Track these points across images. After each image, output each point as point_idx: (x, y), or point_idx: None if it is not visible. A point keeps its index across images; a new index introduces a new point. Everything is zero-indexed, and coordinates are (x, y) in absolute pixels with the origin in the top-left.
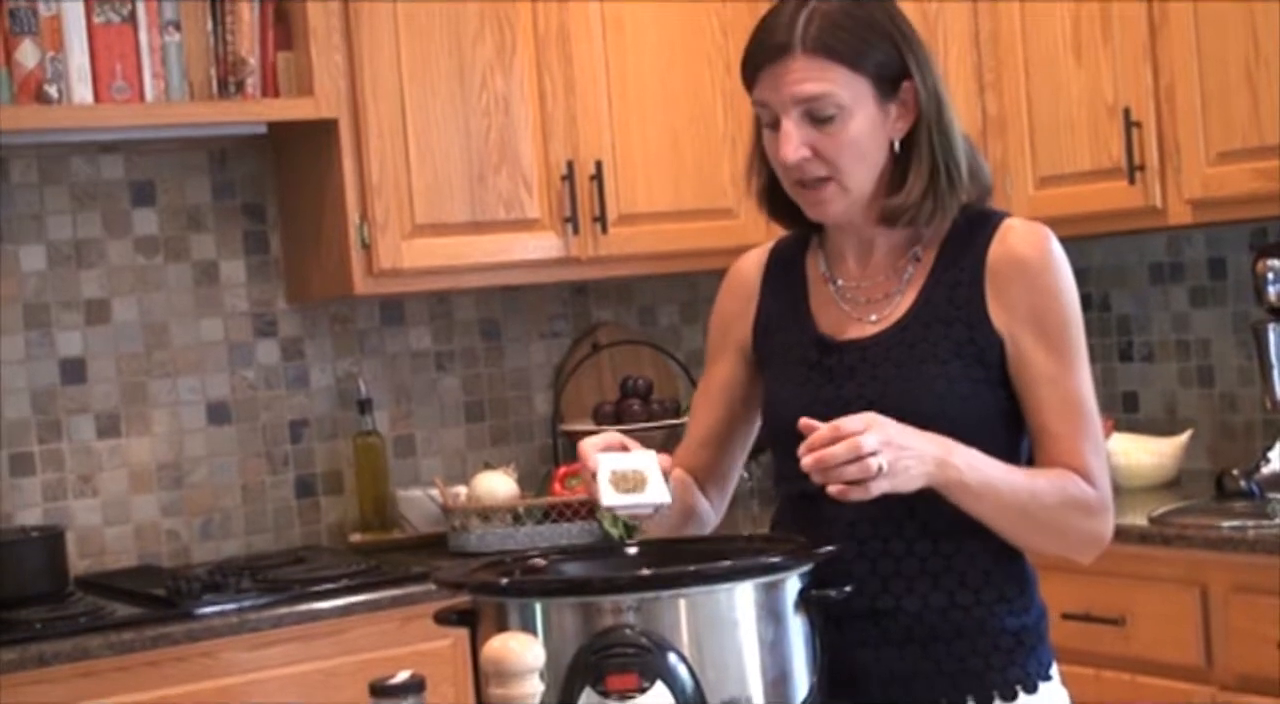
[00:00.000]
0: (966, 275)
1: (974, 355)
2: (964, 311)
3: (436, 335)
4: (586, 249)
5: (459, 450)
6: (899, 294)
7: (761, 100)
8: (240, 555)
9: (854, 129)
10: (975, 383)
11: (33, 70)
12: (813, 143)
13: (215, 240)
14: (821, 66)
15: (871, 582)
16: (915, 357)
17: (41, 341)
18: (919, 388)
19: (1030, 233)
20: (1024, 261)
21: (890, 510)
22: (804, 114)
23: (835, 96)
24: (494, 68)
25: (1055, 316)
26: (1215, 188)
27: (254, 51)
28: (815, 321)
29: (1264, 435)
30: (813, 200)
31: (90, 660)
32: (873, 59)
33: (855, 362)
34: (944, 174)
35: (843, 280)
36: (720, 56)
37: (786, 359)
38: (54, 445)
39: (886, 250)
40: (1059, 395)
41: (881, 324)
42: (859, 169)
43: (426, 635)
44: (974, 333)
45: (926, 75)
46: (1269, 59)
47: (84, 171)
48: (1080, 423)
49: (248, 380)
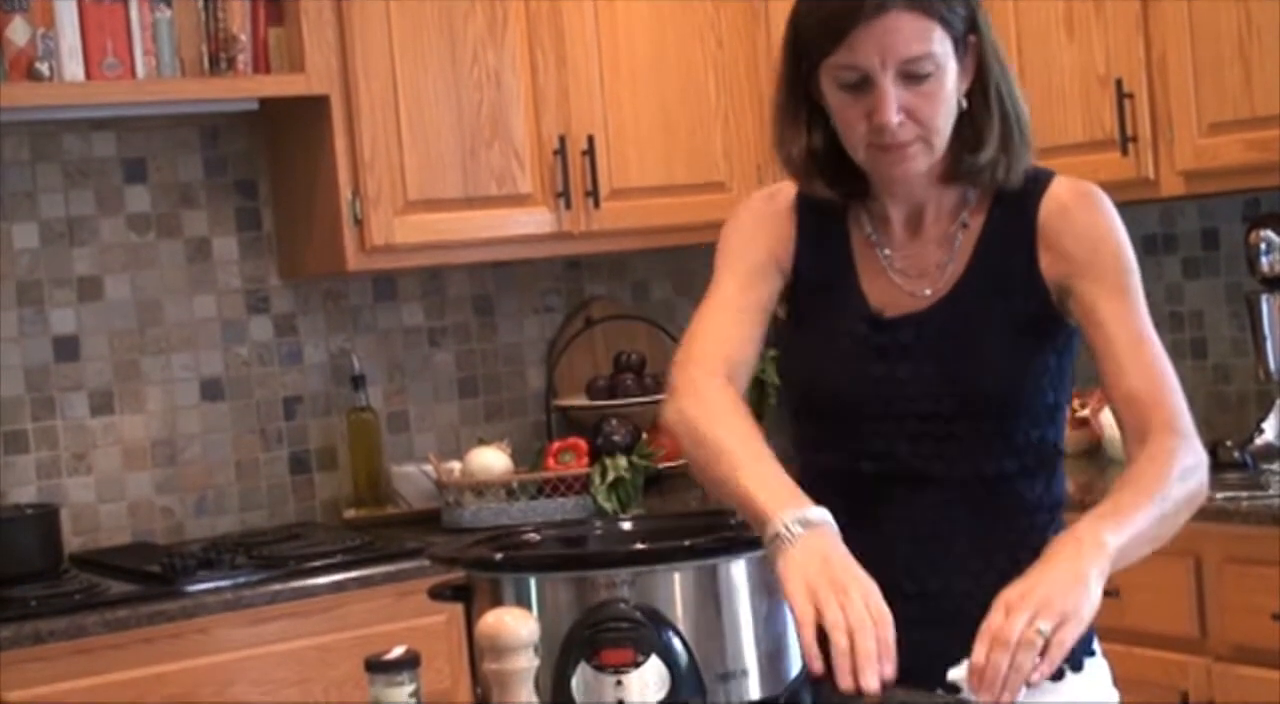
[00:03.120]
0: (1019, 240)
1: (1028, 323)
2: (1019, 280)
3: (429, 311)
4: (579, 224)
5: (453, 426)
6: (950, 263)
7: (849, 63)
8: (234, 532)
9: (946, 86)
10: (1031, 352)
11: (24, 48)
12: (907, 103)
13: (207, 217)
14: (922, 24)
15: (918, 563)
16: (971, 331)
17: (34, 319)
18: (978, 365)
19: (1078, 186)
20: (1073, 211)
21: (942, 493)
22: (900, 74)
23: (934, 55)
24: (485, 42)
25: (1112, 259)
26: (1208, 159)
27: (245, 28)
28: (865, 294)
29: (1257, 407)
30: (895, 159)
31: (85, 638)
32: (958, 13)
33: (909, 339)
34: (1015, 125)
35: (890, 250)
36: (712, 30)
37: (832, 328)
38: (48, 423)
39: (935, 216)
40: (1126, 333)
41: (934, 297)
42: (945, 127)
43: (421, 611)
44: (1029, 300)
45: (986, 25)
46: (1261, 29)
47: (76, 149)
48: (1151, 356)
49: (241, 357)
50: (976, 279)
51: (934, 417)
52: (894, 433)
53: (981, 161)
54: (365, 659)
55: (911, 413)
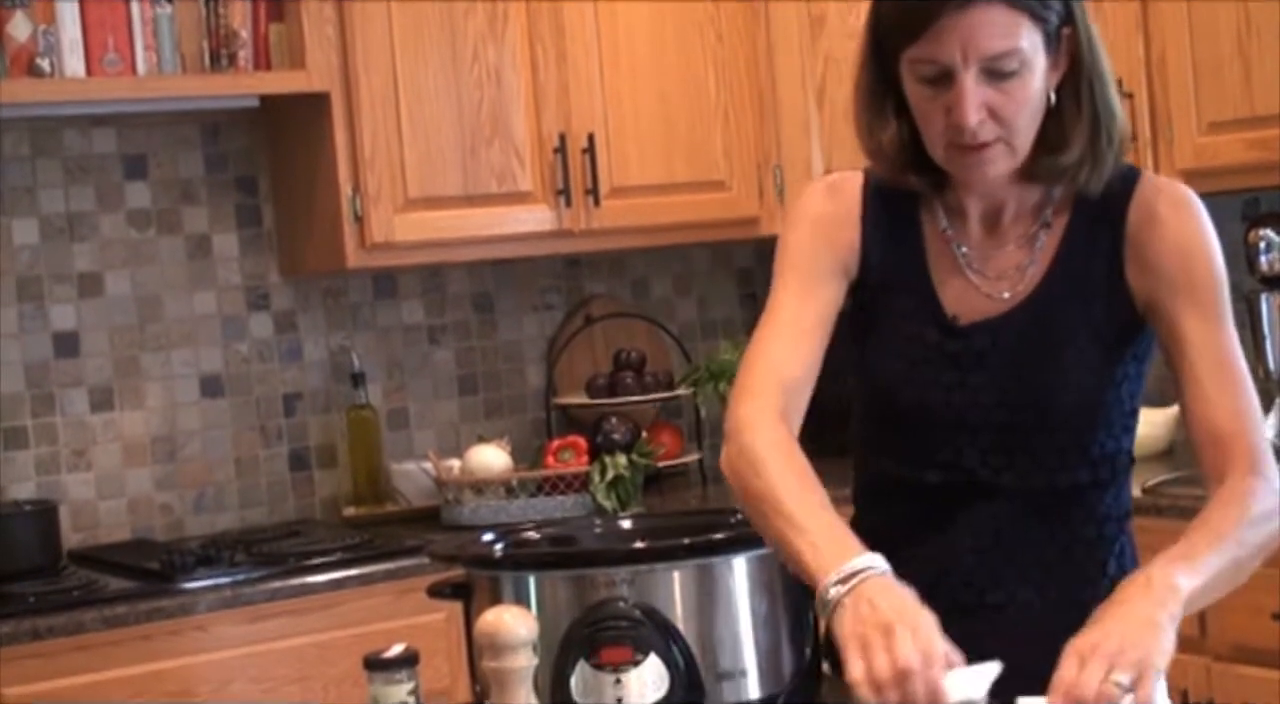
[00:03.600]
0: (1105, 245)
1: (1111, 335)
2: (1103, 287)
3: (429, 309)
4: (579, 222)
5: (452, 423)
6: (1032, 265)
7: (930, 56)
8: (234, 529)
9: (1032, 86)
10: (1112, 361)
11: (24, 43)
12: (989, 102)
13: (208, 214)
14: (1011, 17)
15: (981, 574)
16: (1050, 339)
17: (34, 315)
18: (1057, 377)
19: (1170, 189)
20: (1166, 221)
21: (1010, 505)
22: (984, 71)
23: (1021, 52)
24: (486, 39)
25: (1204, 275)
26: (1208, 158)
27: (246, 24)
28: (939, 294)
29: None
30: (974, 161)
31: (84, 634)
32: (1052, 6)
33: (985, 346)
34: (1104, 127)
35: (967, 247)
36: (712, 27)
37: (903, 332)
38: (47, 419)
39: (1015, 214)
40: (1212, 358)
41: (1013, 301)
42: (1029, 128)
43: (421, 609)
44: (1112, 309)
45: (1083, 18)
46: (1260, 28)
47: (76, 145)
48: (1238, 388)
49: (241, 354)
50: (1057, 283)
51: (1008, 428)
52: (964, 443)
53: (1063, 164)
54: (364, 657)
55: (984, 423)
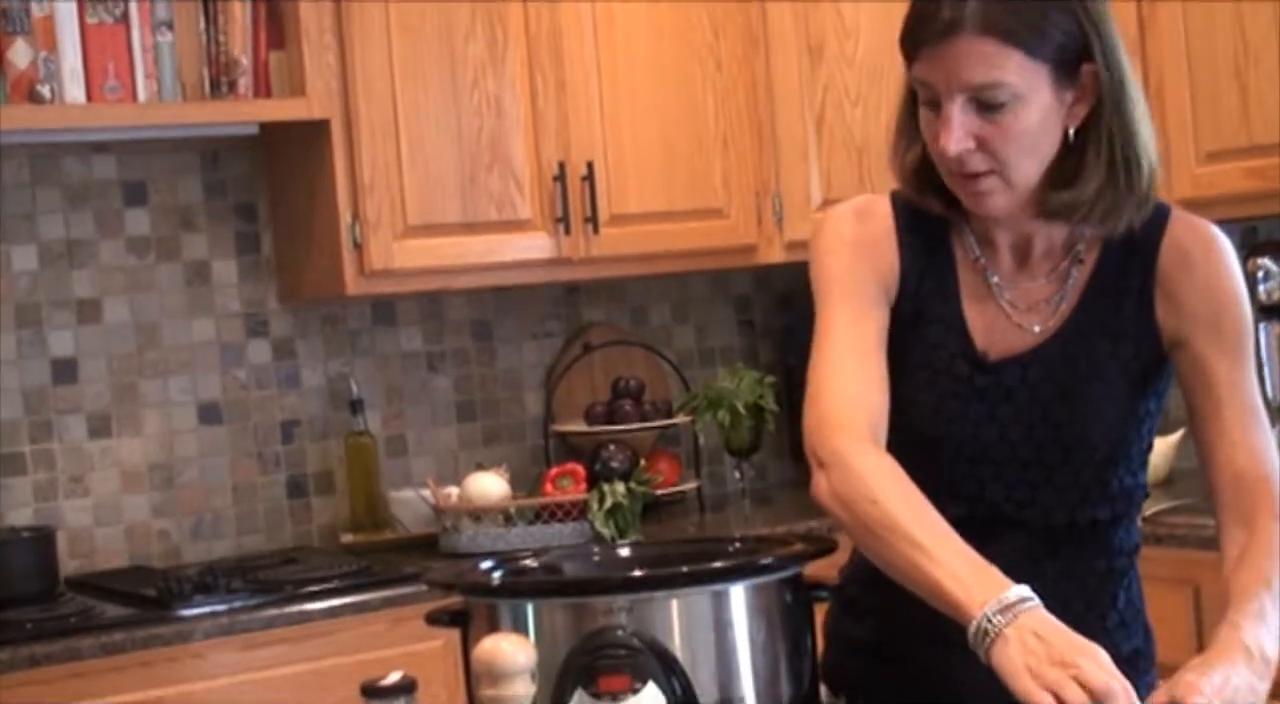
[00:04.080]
0: (1136, 281)
1: (1139, 372)
2: (1132, 324)
3: (428, 336)
4: (578, 249)
5: (451, 451)
6: (1063, 300)
7: (922, 79)
8: (231, 556)
9: (1025, 120)
10: (1138, 399)
11: (25, 70)
12: (977, 132)
13: (207, 240)
14: (995, 50)
15: None
16: (1080, 376)
17: (33, 341)
18: (1087, 416)
19: (1203, 229)
20: (1196, 259)
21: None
22: (970, 101)
23: (1009, 85)
24: (486, 67)
25: (1233, 318)
26: (1205, 187)
27: (246, 51)
28: (969, 325)
29: None
30: (971, 191)
31: (81, 661)
32: (1053, 41)
33: (1014, 382)
34: (1123, 169)
35: (998, 277)
36: (711, 55)
37: (931, 363)
38: (45, 445)
39: (1046, 248)
40: (1240, 400)
41: (1043, 335)
42: (1026, 163)
43: (418, 636)
44: (1140, 347)
45: (1110, 56)
46: (1258, 57)
47: (76, 171)
48: (1264, 430)
49: (239, 380)
50: (1086, 320)
51: (1033, 463)
52: (989, 477)
53: (1074, 201)
54: (361, 685)
55: (1010, 458)
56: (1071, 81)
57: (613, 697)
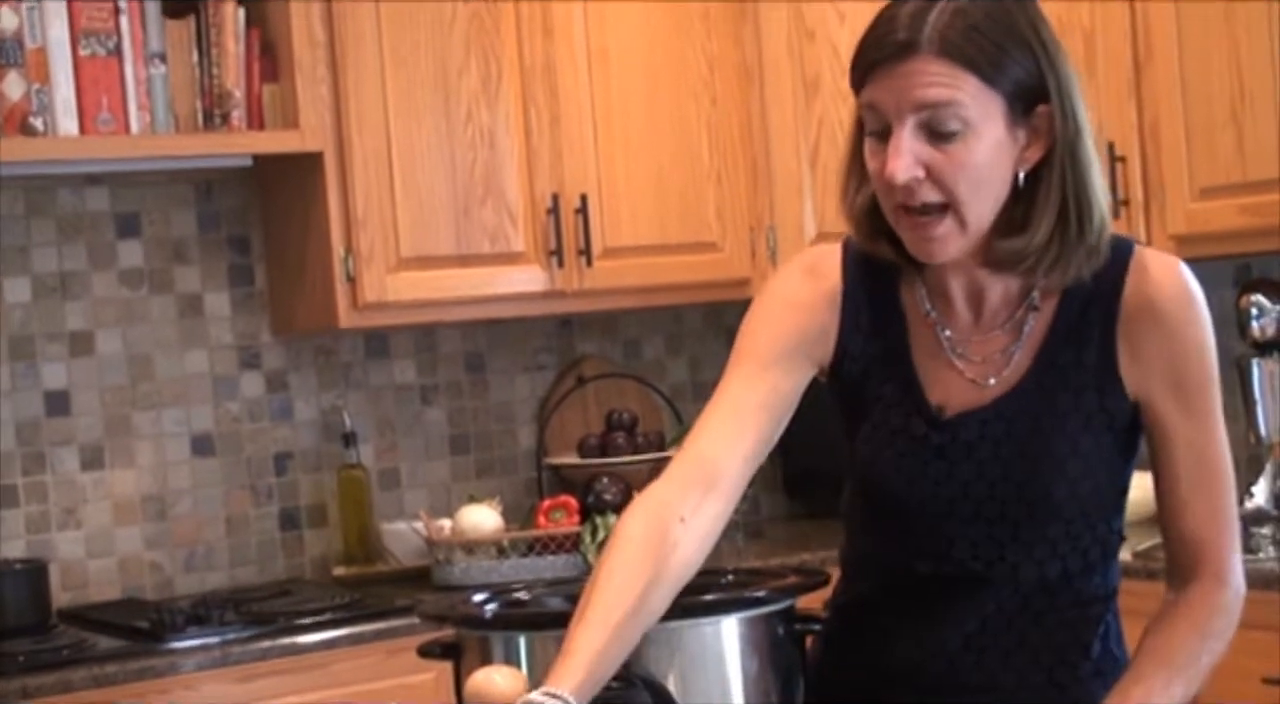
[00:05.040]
0: (1096, 329)
1: (1104, 424)
2: (1094, 375)
3: (421, 368)
4: (571, 282)
5: (443, 483)
6: (1017, 351)
7: (871, 101)
8: (224, 588)
9: (977, 152)
10: (1104, 456)
11: (18, 102)
12: (927, 161)
13: (200, 273)
14: (951, 72)
15: (964, 659)
16: (1041, 431)
17: (26, 373)
18: (1051, 472)
19: (1166, 269)
20: (1163, 312)
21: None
22: (921, 125)
23: (962, 108)
24: (479, 100)
25: (1196, 373)
26: (1200, 223)
27: (239, 84)
28: (922, 384)
29: (1248, 471)
30: (921, 236)
31: (73, 693)
32: (1011, 74)
33: (973, 438)
34: (1074, 219)
35: (951, 332)
36: (706, 91)
37: (887, 423)
38: (38, 478)
39: (1002, 298)
40: (1194, 458)
41: (1000, 388)
42: (978, 200)
43: (410, 669)
44: (1104, 399)
45: (1067, 99)
46: (1254, 94)
47: (69, 203)
48: (1218, 494)
49: (232, 413)
50: (1046, 373)
51: (999, 520)
52: (955, 534)
53: (1018, 248)
54: None
55: (974, 515)
56: (1026, 120)
57: None
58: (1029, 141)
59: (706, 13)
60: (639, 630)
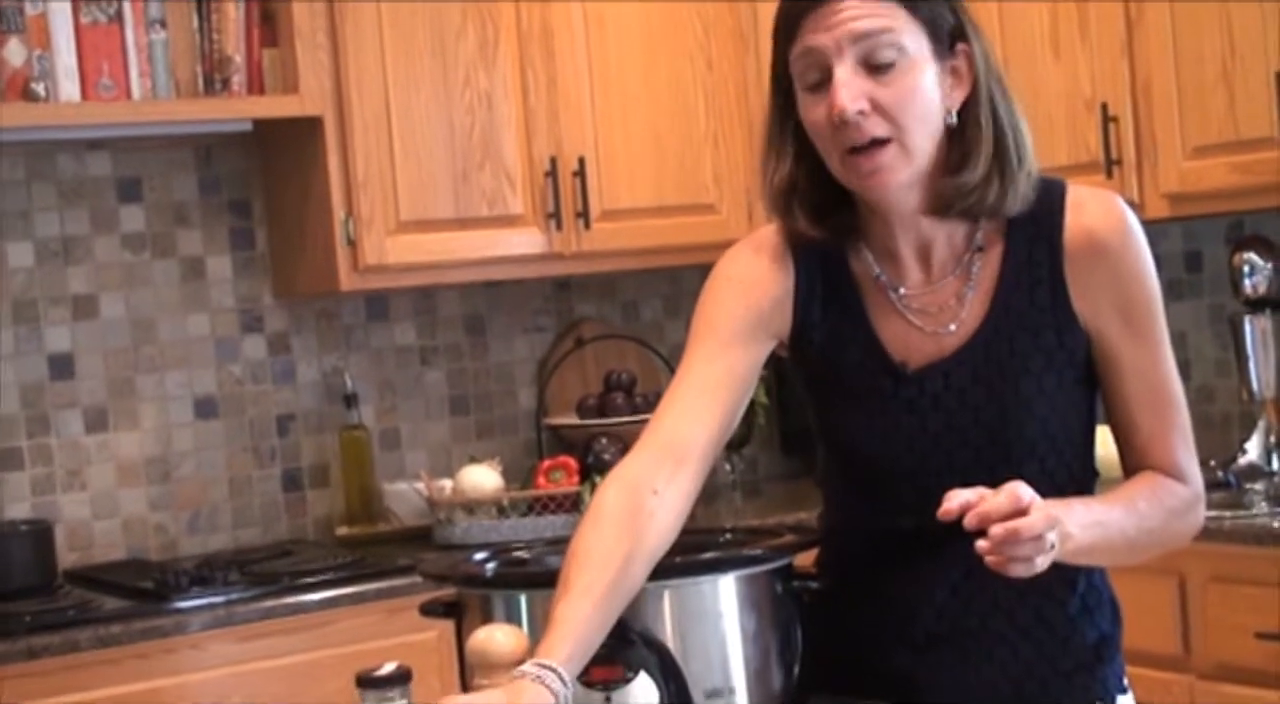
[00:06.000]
0: (1044, 269)
1: (1065, 361)
2: (1049, 313)
3: (421, 330)
4: (569, 245)
5: (444, 444)
6: (970, 294)
7: (807, 50)
8: (227, 549)
9: (915, 79)
10: (1069, 393)
11: (20, 68)
12: (871, 94)
13: (202, 236)
14: (883, 7)
15: (953, 606)
16: (1005, 375)
17: (30, 337)
18: (1019, 413)
19: (1102, 203)
20: (1105, 244)
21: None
22: (860, 60)
23: (896, 35)
24: (477, 64)
25: (1141, 302)
26: (1192, 182)
27: (239, 49)
28: (882, 342)
29: (1240, 427)
30: (869, 168)
31: (78, 653)
32: (932, 9)
33: (938, 389)
34: (1011, 149)
35: (904, 288)
36: (702, 54)
37: (854, 387)
38: (42, 440)
39: (947, 246)
40: (1147, 387)
41: (960, 335)
42: (921, 129)
43: (412, 627)
44: (1063, 337)
45: (980, 40)
46: (1244, 55)
47: (71, 168)
48: (1169, 415)
49: (234, 375)
50: (1002, 316)
51: (973, 467)
52: (932, 487)
53: (967, 183)
54: (356, 675)
55: (949, 466)
56: (948, 57)
57: (605, 686)
58: (954, 83)
59: None
60: (622, 602)
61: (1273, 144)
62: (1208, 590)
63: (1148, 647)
